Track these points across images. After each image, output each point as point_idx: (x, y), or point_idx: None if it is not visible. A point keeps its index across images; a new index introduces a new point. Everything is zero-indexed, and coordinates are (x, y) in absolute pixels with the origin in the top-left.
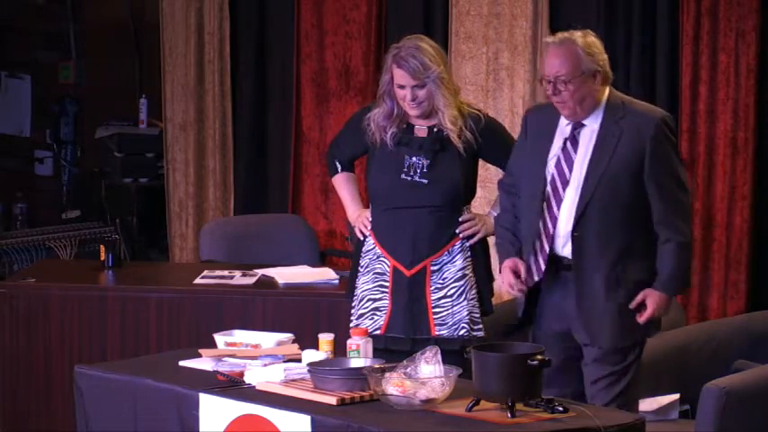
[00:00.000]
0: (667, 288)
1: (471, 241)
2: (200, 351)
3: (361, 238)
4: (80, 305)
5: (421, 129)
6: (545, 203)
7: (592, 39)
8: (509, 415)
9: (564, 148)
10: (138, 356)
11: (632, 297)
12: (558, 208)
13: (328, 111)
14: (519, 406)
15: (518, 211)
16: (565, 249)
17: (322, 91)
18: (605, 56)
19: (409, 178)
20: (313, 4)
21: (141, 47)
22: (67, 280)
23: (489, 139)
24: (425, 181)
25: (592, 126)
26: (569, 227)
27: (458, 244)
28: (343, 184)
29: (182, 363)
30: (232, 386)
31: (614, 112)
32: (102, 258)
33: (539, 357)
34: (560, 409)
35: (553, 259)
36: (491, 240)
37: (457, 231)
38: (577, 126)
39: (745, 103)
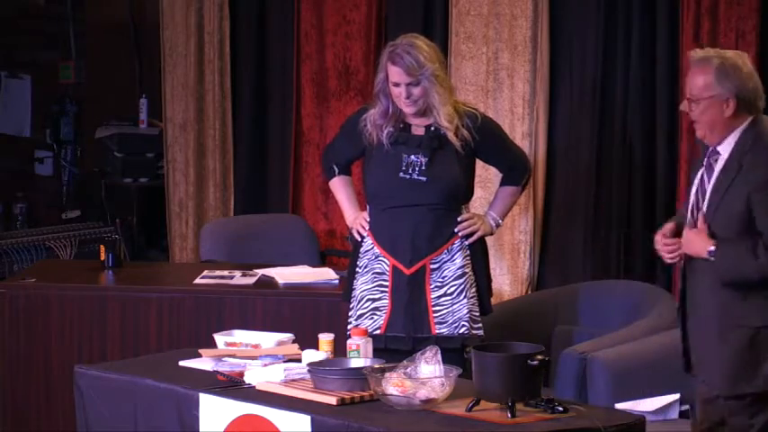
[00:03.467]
0: (718, 244)
1: (470, 240)
2: (200, 351)
3: (359, 240)
4: (80, 305)
5: (418, 127)
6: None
7: (735, 61)
8: (509, 415)
9: (701, 176)
10: (138, 356)
11: (748, 342)
12: None
13: (328, 111)
14: (519, 406)
15: None
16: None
17: (322, 91)
18: (751, 83)
19: (408, 176)
20: (313, 4)
21: (141, 47)
22: (67, 280)
23: (486, 138)
24: (424, 179)
25: (723, 155)
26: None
27: (457, 242)
28: (340, 188)
29: (182, 363)
30: (232, 386)
31: (745, 143)
32: (102, 258)
33: (539, 357)
34: (560, 409)
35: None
36: (490, 240)
37: (456, 230)
38: (713, 153)
39: None
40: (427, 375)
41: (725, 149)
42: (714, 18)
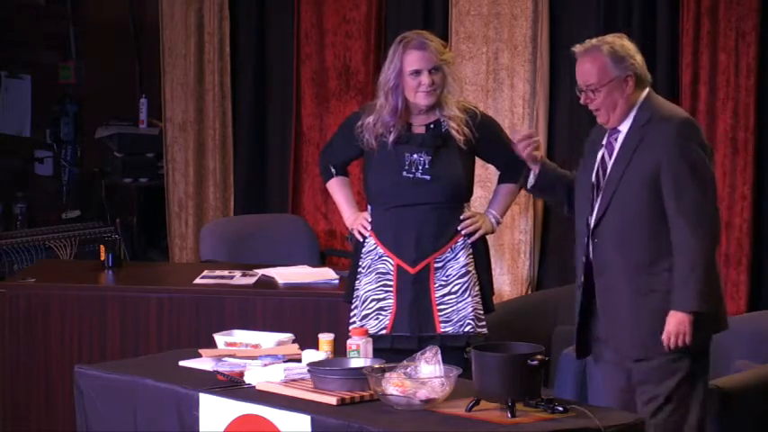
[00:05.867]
0: (676, 304)
1: (472, 239)
2: (200, 351)
3: (361, 240)
4: (80, 305)
5: (418, 126)
6: (588, 210)
7: (620, 42)
8: (509, 415)
9: (602, 156)
10: (138, 356)
11: (658, 306)
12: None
13: (328, 111)
14: (519, 406)
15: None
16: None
17: (322, 91)
18: (639, 58)
19: (411, 175)
20: (313, 4)
21: (141, 47)
22: (67, 280)
23: (485, 135)
24: (428, 177)
25: (623, 131)
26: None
27: (460, 241)
28: (337, 189)
29: (182, 363)
30: (232, 386)
31: (642, 116)
32: (102, 258)
33: (539, 357)
34: (560, 409)
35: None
36: (489, 240)
37: (459, 228)
38: (613, 132)
39: (745, 103)
40: (427, 375)
41: (624, 126)
42: (714, 18)
